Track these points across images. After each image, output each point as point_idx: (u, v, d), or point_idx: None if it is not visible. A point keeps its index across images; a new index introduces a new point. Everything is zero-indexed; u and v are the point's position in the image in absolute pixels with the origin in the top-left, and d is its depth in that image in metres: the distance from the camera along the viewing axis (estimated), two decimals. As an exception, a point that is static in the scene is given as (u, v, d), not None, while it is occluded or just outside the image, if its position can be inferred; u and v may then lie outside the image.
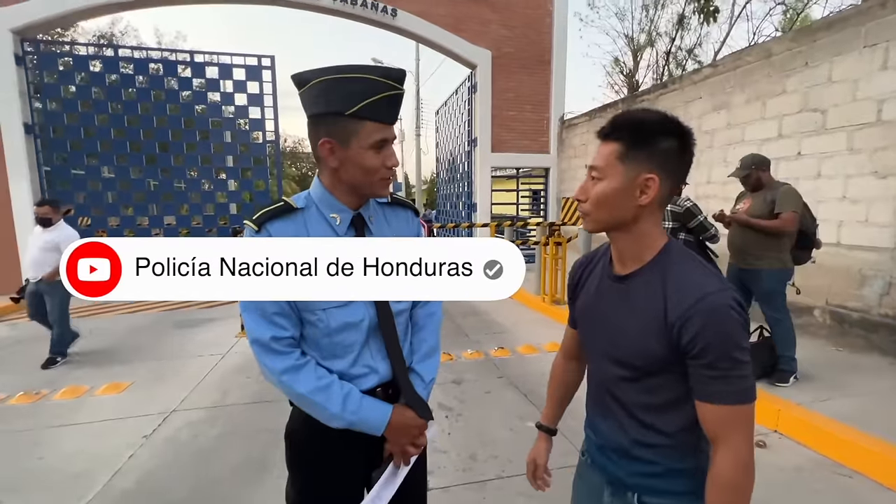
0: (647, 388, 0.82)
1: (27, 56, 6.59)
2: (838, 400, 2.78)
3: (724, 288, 0.75)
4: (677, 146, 0.78)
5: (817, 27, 4.20)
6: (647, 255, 0.82)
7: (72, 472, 2.33)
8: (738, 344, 0.72)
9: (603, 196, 0.80)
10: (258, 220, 0.92)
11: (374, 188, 0.96)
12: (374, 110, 0.89)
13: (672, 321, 0.75)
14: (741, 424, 0.73)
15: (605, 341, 0.88)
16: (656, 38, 14.50)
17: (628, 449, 0.86)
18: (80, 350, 4.29)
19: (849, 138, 3.88)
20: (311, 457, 1.02)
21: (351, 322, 0.95)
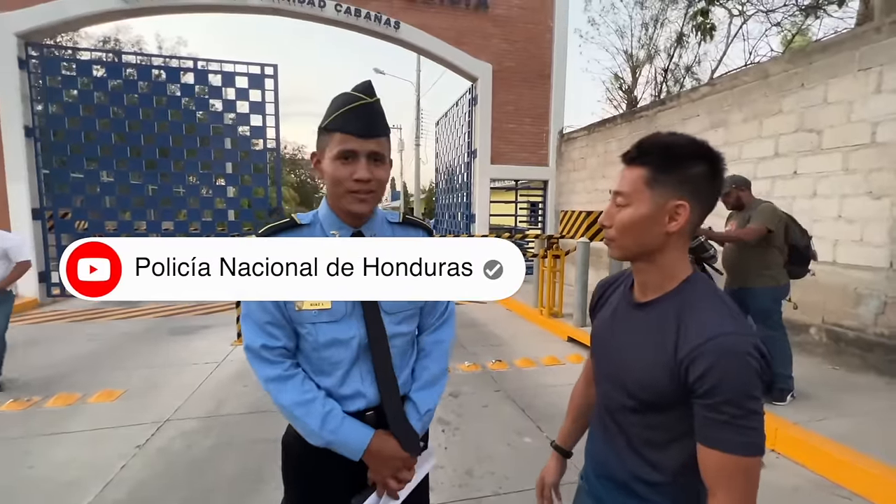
0: (652, 422, 0.80)
1: (30, 60, 6.62)
2: (835, 419, 2.78)
3: (743, 333, 0.71)
4: (708, 171, 0.76)
5: (813, 49, 4.28)
6: (668, 285, 0.80)
7: (63, 481, 2.29)
8: (749, 392, 0.68)
9: (630, 222, 0.78)
10: (264, 234, 0.96)
11: (344, 202, 0.94)
12: (340, 122, 0.92)
13: (681, 357, 0.72)
14: (741, 477, 0.68)
15: (614, 367, 0.86)
16: (655, 55, 14.75)
17: (626, 482, 0.84)
18: (75, 356, 4.24)
19: (844, 159, 3.93)
20: (306, 470, 1.01)
21: (340, 339, 0.95)
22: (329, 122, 0.93)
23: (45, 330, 5.29)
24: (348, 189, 0.93)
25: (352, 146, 0.91)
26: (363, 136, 0.92)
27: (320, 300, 0.94)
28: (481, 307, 6.91)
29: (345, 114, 0.91)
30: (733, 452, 0.68)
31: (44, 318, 5.84)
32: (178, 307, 6.50)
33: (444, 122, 10.92)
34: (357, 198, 0.94)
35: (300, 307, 0.93)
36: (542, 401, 3.37)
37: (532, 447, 2.71)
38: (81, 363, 4.09)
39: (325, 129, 0.94)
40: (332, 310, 0.94)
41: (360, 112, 0.92)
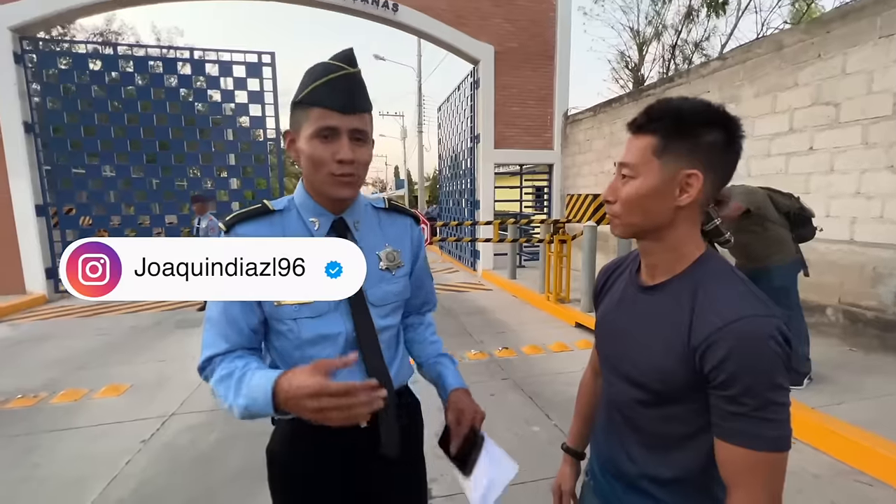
0: (664, 415, 0.73)
1: (26, 54, 6.54)
2: (854, 403, 2.69)
3: (767, 314, 0.64)
4: (723, 138, 0.68)
5: (830, 18, 4.08)
6: (679, 266, 0.72)
7: (68, 478, 2.28)
8: (773, 381, 0.61)
9: (636, 196, 0.70)
10: (229, 223, 0.87)
11: (325, 185, 0.85)
12: (317, 95, 0.81)
13: (696, 343, 0.65)
14: (763, 474, 0.62)
15: (621, 357, 0.79)
16: (662, 32, 14.33)
17: (634, 480, 0.78)
18: (83, 351, 4.26)
19: (864, 132, 3.76)
20: (294, 480, 0.94)
21: (326, 334, 0.87)
22: (305, 94, 0.82)
23: (55, 326, 5.32)
24: (330, 171, 0.83)
25: (332, 122, 0.81)
26: (345, 111, 0.82)
27: None
28: (487, 294, 6.85)
29: (323, 86, 0.81)
30: (755, 448, 0.61)
31: (52, 314, 5.87)
32: (183, 301, 6.51)
33: (447, 108, 10.73)
34: (340, 181, 0.84)
35: (279, 302, 0.85)
36: (551, 389, 3.31)
37: (541, 436, 2.66)
38: (90, 358, 4.10)
39: (301, 103, 0.83)
40: (314, 304, 0.86)
41: (341, 84, 0.82)
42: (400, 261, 0.97)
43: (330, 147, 0.82)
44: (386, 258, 0.95)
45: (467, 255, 9.33)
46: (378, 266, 0.94)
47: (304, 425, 0.90)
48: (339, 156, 0.82)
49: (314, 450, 0.92)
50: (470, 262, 9.16)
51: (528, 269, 8.26)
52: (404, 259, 0.98)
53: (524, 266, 8.50)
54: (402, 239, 1.00)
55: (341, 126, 0.82)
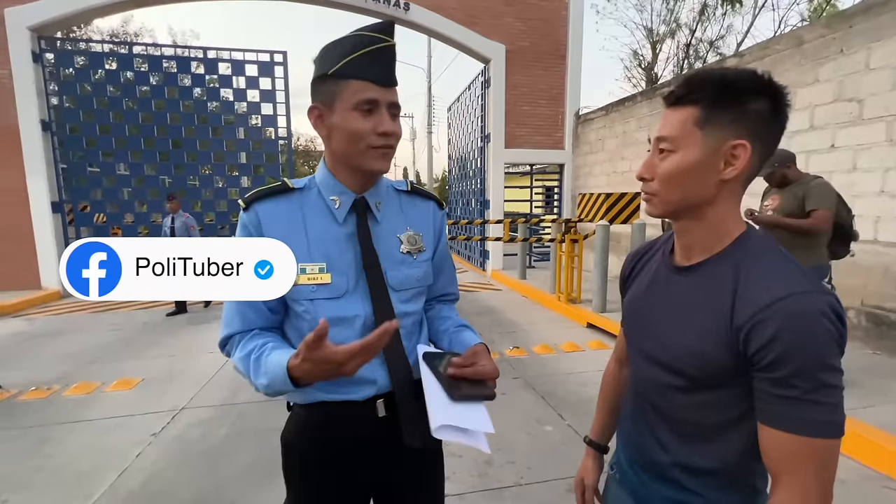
0: (701, 402, 0.68)
1: (44, 53, 6.65)
2: (881, 406, 2.60)
3: (816, 291, 0.59)
4: (770, 107, 0.63)
5: (853, 12, 3.97)
6: (718, 245, 0.68)
7: (80, 469, 2.28)
8: (826, 361, 0.56)
9: (677, 171, 0.66)
10: (248, 199, 0.86)
11: (364, 159, 0.82)
12: (357, 67, 0.78)
13: (740, 323, 0.61)
14: (814, 462, 0.57)
15: (652, 342, 0.75)
16: (677, 30, 14.16)
17: (666, 471, 0.73)
18: (96, 346, 4.29)
19: (888, 129, 3.65)
20: (306, 469, 0.91)
21: (343, 317, 0.84)
22: (343, 66, 0.78)
23: (69, 321, 5.38)
24: (371, 144, 0.81)
25: (373, 95, 0.79)
26: (384, 83, 0.80)
27: (318, 274, 0.83)
28: (497, 294, 6.80)
29: (363, 57, 0.78)
30: (805, 434, 0.57)
31: (67, 309, 5.94)
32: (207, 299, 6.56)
33: (457, 108, 10.71)
34: (379, 153, 0.82)
35: (295, 282, 0.82)
36: (563, 388, 3.25)
37: (554, 436, 2.60)
38: (102, 352, 4.13)
39: (334, 75, 0.79)
40: (332, 285, 0.84)
41: (382, 56, 0.80)
42: (422, 245, 0.94)
43: (370, 120, 0.80)
44: (407, 241, 0.92)
45: (476, 255, 9.29)
46: (399, 249, 0.91)
47: (315, 414, 0.88)
48: (381, 128, 0.80)
49: (329, 438, 0.89)
50: (479, 263, 9.11)
51: (538, 269, 8.19)
52: (426, 243, 0.95)
53: (534, 266, 8.42)
54: (425, 223, 0.97)
55: (381, 99, 0.80)
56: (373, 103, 0.79)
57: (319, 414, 0.88)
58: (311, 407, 0.88)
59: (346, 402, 0.87)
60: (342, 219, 0.87)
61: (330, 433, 0.88)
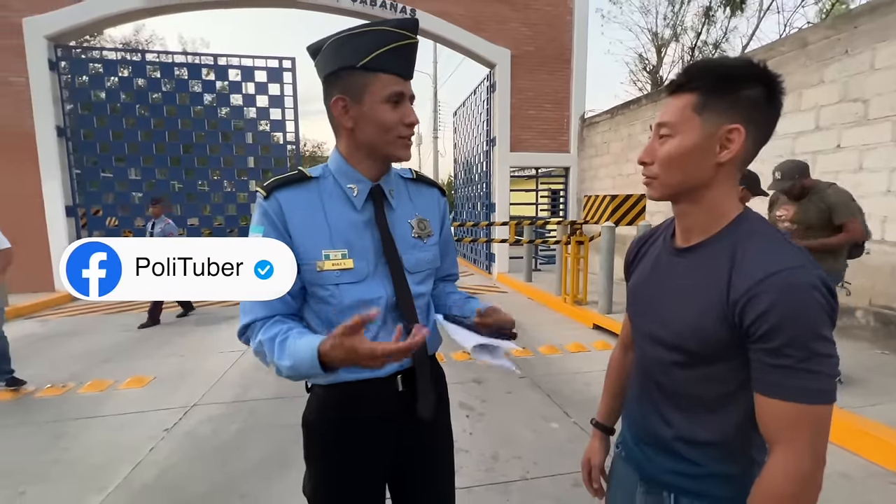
0: (700, 376, 0.72)
1: (60, 62, 6.82)
2: (889, 405, 2.58)
3: (808, 265, 0.63)
4: (764, 94, 0.67)
5: (858, 13, 3.99)
6: (717, 226, 0.72)
7: (94, 463, 2.34)
8: (817, 331, 0.60)
9: (676, 154, 0.70)
10: (268, 187, 0.88)
11: (392, 148, 0.88)
12: (386, 61, 0.83)
13: (736, 297, 0.64)
14: (808, 428, 0.61)
15: (655, 321, 0.78)
16: (682, 33, 14.17)
17: (669, 444, 0.76)
18: (108, 346, 4.37)
19: (894, 128, 3.65)
20: (327, 448, 0.95)
21: (367, 300, 0.88)
22: (372, 59, 0.83)
23: (82, 322, 5.48)
24: (399, 135, 0.87)
25: (401, 88, 0.85)
26: (409, 77, 0.87)
27: (342, 260, 0.87)
28: (502, 297, 6.82)
29: (391, 52, 0.83)
30: (799, 401, 0.61)
31: (79, 311, 6.05)
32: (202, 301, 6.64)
33: (462, 112, 10.79)
34: (405, 143, 0.89)
35: (321, 268, 0.86)
36: (569, 387, 3.27)
37: (560, 433, 2.62)
38: (114, 352, 4.20)
39: (365, 67, 0.83)
40: (354, 269, 0.88)
41: (407, 51, 0.86)
42: (430, 229, 0.99)
43: (398, 112, 0.86)
44: (417, 226, 0.97)
45: (482, 258, 9.31)
46: (411, 234, 0.96)
47: (336, 394, 0.92)
48: (408, 119, 0.86)
49: (348, 417, 0.92)
50: (485, 266, 9.13)
51: (543, 272, 8.19)
52: (433, 228, 1.00)
53: (539, 269, 8.43)
54: (431, 209, 1.02)
55: (406, 92, 0.86)
56: (400, 96, 0.85)
57: (340, 393, 0.92)
58: (332, 387, 0.92)
59: (369, 379, 0.90)
60: (360, 206, 0.91)
61: (350, 412, 0.92)
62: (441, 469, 1.04)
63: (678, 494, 0.76)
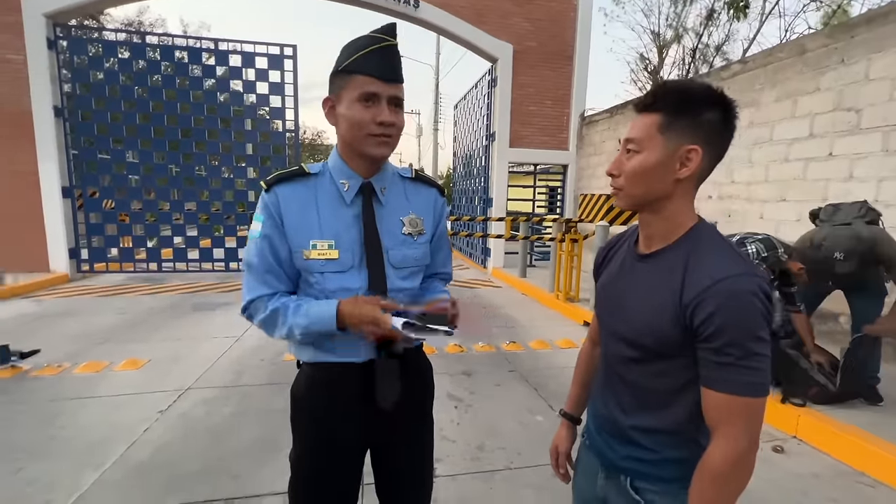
0: (655, 371, 0.80)
1: (59, 40, 6.76)
2: (860, 408, 2.68)
3: (750, 273, 0.71)
4: (721, 117, 0.74)
5: (855, 23, 4.03)
6: (674, 235, 0.79)
7: (91, 441, 2.40)
8: (754, 333, 0.68)
9: (640, 169, 0.77)
10: (269, 182, 0.97)
11: (364, 145, 0.93)
12: (362, 63, 0.90)
13: (687, 301, 0.72)
14: (743, 417, 0.69)
15: (617, 320, 0.86)
16: (683, 35, 14.15)
17: (626, 432, 0.84)
18: (104, 328, 4.42)
19: (884, 139, 3.72)
20: (310, 420, 1.02)
21: (349, 288, 0.96)
22: (349, 63, 0.90)
23: (77, 303, 5.50)
24: (370, 132, 0.92)
25: (374, 89, 0.90)
26: (386, 79, 0.91)
27: (328, 250, 0.93)
28: (497, 291, 6.89)
29: (367, 55, 0.90)
30: (737, 393, 0.69)
31: (74, 292, 6.08)
32: (201, 285, 6.68)
33: (463, 105, 10.78)
34: (378, 140, 0.93)
35: (308, 256, 0.94)
36: (556, 381, 3.35)
37: (544, 425, 2.70)
38: (110, 334, 4.25)
39: (343, 70, 0.92)
40: (339, 260, 0.95)
41: (384, 54, 0.91)
42: (422, 228, 1.05)
43: (371, 111, 0.91)
44: (409, 224, 1.03)
45: (478, 252, 9.37)
46: (401, 230, 1.02)
47: (321, 372, 1.00)
48: (379, 118, 0.91)
49: (329, 394, 1.00)
50: (481, 260, 9.20)
51: (538, 268, 8.27)
52: (426, 227, 1.06)
53: (535, 265, 8.51)
54: (427, 208, 1.07)
55: (382, 92, 0.91)
56: (373, 96, 0.90)
57: (325, 372, 1.00)
58: (318, 366, 1.00)
59: (349, 363, 0.98)
60: (350, 200, 0.98)
61: (332, 390, 0.99)
62: (418, 451, 1.10)
63: (634, 478, 0.84)
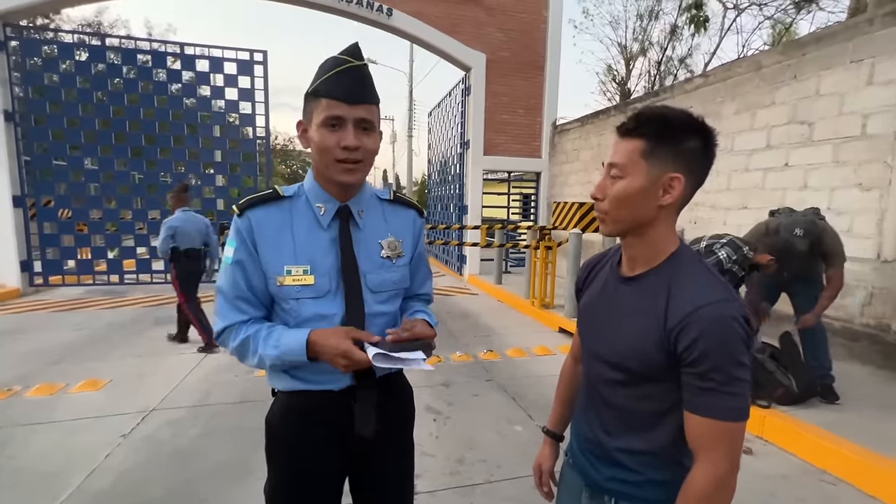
0: (639, 394, 0.80)
1: (9, 41, 6.39)
2: (820, 407, 2.81)
3: (731, 299, 0.72)
4: (702, 146, 0.76)
5: (806, 41, 4.29)
6: (656, 259, 0.80)
7: (45, 471, 2.23)
8: (736, 359, 0.69)
9: (624, 194, 0.77)
10: (242, 206, 0.93)
11: (330, 170, 0.90)
12: (326, 86, 0.88)
13: (671, 327, 0.73)
14: (725, 441, 0.71)
15: (601, 342, 0.86)
16: (649, 48, 14.73)
17: (610, 453, 0.85)
18: (59, 346, 4.16)
19: (834, 151, 3.95)
20: (286, 451, 0.98)
21: (324, 314, 0.93)
22: (315, 86, 0.88)
23: (29, 319, 5.17)
24: (335, 158, 0.89)
25: (338, 112, 0.87)
26: (350, 101, 0.87)
27: (303, 276, 0.90)
28: (473, 299, 6.91)
29: (331, 78, 0.87)
30: (719, 418, 0.70)
31: (27, 307, 5.71)
32: (165, 297, 6.40)
33: (437, 113, 10.82)
34: (344, 167, 0.90)
35: (282, 282, 0.90)
36: (533, 390, 3.37)
37: (523, 435, 2.71)
38: (66, 353, 4.00)
39: (312, 94, 0.89)
40: (315, 286, 0.91)
41: (348, 76, 0.88)
42: (401, 250, 1.02)
43: (336, 135, 0.88)
44: (388, 247, 1.00)
45: (454, 259, 9.39)
46: (380, 254, 0.99)
47: (298, 401, 0.96)
48: (344, 142, 0.87)
49: (305, 423, 0.96)
50: (456, 267, 9.21)
51: (513, 274, 8.35)
52: (405, 249, 1.03)
53: (510, 272, 8.58)
54: (405, 230, 1.05)
55: (347, 115, 0.87)
56: (338, 119, 0.88)
57: (301, 400, 0.96)
58: (295, 394, 0.96)
59: (326, 391, 0.94)
60: (326, 224, 0.94)
61: (309, 418, 0.96)
62: (397, 478, 1.08)
63: (618, 499, 0.84)
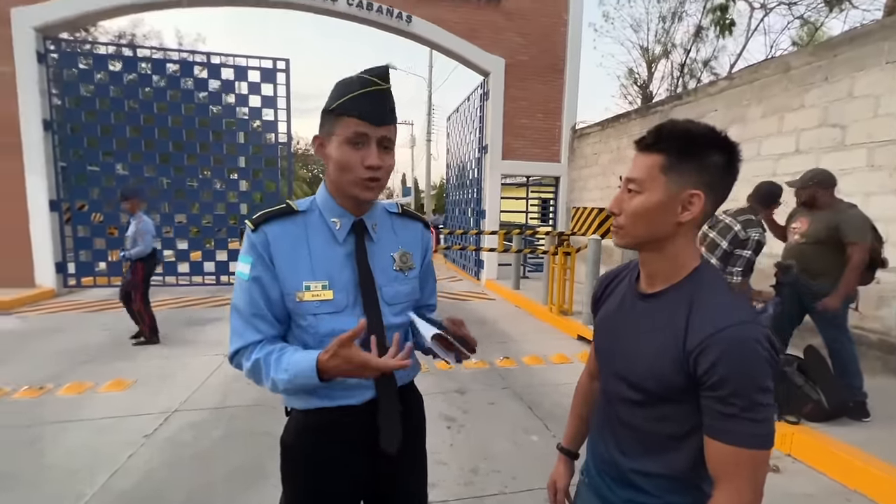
0: (657, 415, 0.77)
1: (49, 54, 6.72)
2: (853, 424, 2.68)
3: (754, 321, 0.69)
4: (725, 161, 0.73)
5: (838, 42, 4.13)
6: (676, 276, 0.77)
7: (72, 469, 2.32)
8: (759, 384, 0.66)
9: (642, 210, 0.75)
10: (256, 221, 0.93)
11: (352, 188, 0.91)
12: (352, 105, 0.88)
13: (690, 348, 0.70)
14: (748, 469, 0.67)
15: (619, 360, 0.83)
16: (672, 50, 14.43)
17: (627, 476, 0.82)
18: (89, 346, 4.32)
19: (869, 155, 3.79)
20: (303, 471, 0.98)
21: (343, 329, 0.90)
22: (340, 104, 0.89)
23: (62, 319, 5.39)
24: (358, 175, 0.90)
25: (363, 130, 0.88)
26: (376, 122, 0.89)
27: (321, 291, 0.91)
28: (490, 304, 6.87)
29: (358, 98, 0.88)
30: (741, 445, 0.67)
31: (60, 307, 5.96)
32: (190, 299, 6.58)
33: (456, 118, 10.85)
34: (366, 185, 0.91)
35: (301, 298, 0.90)
36: (550, 399, 3.32)
37: (539, 446, 2.66)
38: (95, 352, 4.15)
39: (334, 111, 0.90)
40: (334, 300, 0.92)
41: (375, 98, 0.89)
42: (412, 263, 1.03)
43: (359, 153, 0.89)
44: (399, 259, 1.01)
45: (471, 264, 9.36)
46: (392, 267, 1.00)
47: (313, 418, 0.96)
48: (368, 161, 0.88)
49: (324, 442, 0.95)
50: (474, 272, 9.18)
51: (531, 280, 8.27)
52: (415, 261, 1.04)
53: (528, 277, 8.50)
54: (414, 242, 1.06)
55: (371, 135, 0.89)
56: (363, 137, 0.88)
57: (317, 418, 0.95)
58: (310, 412, 0.96)
59: (343, 406, 0.94)
60: (342, 239, 0.95)
61: (326, 436, 0.95)
62: (416, 496, 1.07)
63: None
